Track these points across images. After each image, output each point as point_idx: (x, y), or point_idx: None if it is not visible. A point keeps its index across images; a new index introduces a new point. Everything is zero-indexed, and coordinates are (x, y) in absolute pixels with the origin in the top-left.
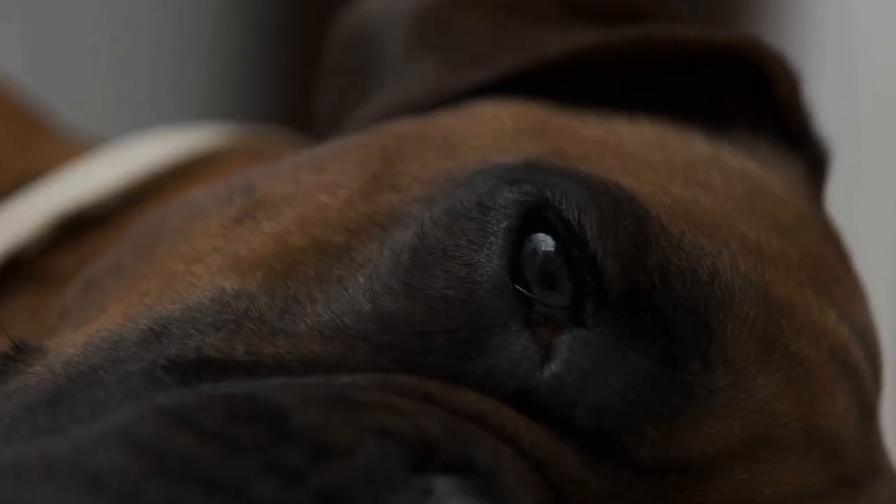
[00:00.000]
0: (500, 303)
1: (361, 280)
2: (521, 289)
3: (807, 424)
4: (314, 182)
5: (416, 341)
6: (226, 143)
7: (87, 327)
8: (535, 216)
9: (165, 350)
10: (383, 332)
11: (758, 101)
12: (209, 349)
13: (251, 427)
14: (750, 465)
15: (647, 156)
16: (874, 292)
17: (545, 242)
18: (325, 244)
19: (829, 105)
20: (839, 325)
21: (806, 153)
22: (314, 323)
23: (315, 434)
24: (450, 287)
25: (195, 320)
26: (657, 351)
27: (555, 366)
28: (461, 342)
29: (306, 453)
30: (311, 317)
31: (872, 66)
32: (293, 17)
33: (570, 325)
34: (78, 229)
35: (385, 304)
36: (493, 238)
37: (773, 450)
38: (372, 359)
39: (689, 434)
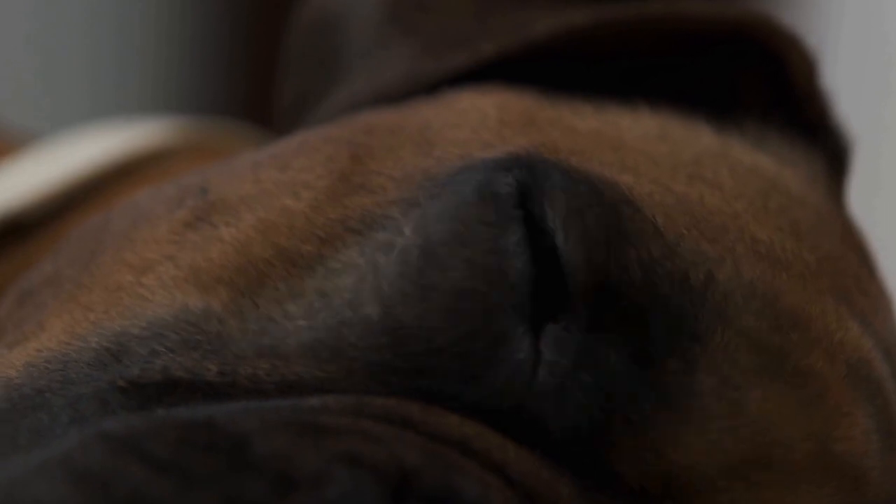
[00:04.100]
0: (519, 298)
1: (346, 293)
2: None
3: (820, 449)
4: (276, 181)
5: (423, 359)
6: (175, 139)
7: (25, 346)
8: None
9: (126, 370)
10: (386, 349)
11: (770, 88)
12: (177, 368)
13: (207, 455)
14: (753, 494)
15: (648, 149)
16: None
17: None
18: (293, 255)
19: (849, 91)
20: (862, 338)
21: (824, 146)
22: (298, 342)
23: (279, 463)
24: (468, 278)
25: (161, 337)
26: (631, 349)
27: (541, 373)
28: (469, 354)
29: (269, 484)
30: (293, 336)
31: None
32: None
33: (542, 323)
34: (10, 236)
35: (393, 313)
36: (512, 224)
37: (778, 474)
38: (364, 382)
39: (669, 444)
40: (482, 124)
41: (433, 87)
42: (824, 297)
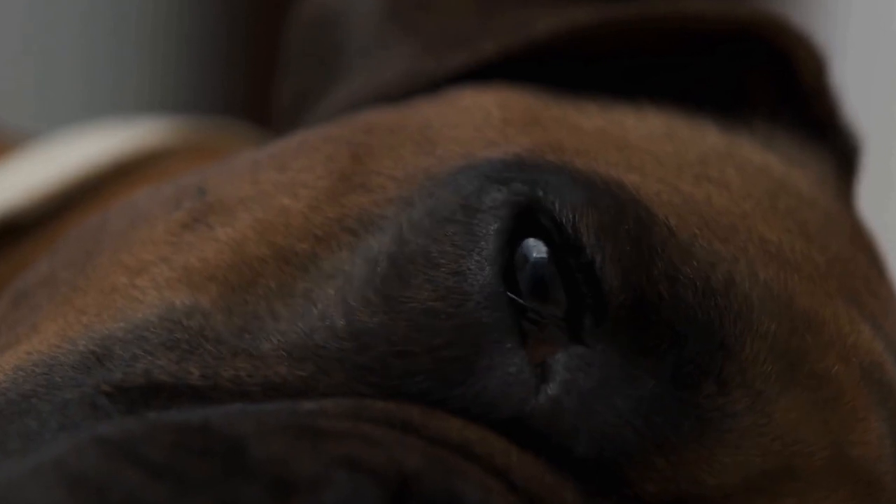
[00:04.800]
0: (492, 316)
1: (332, 292)
2: (516, 298)
3: (836, 453)
4: (274, 182)
5: (397, 362)
6: (172, 138)
7: (17, 349)
8: (526, 218)
9: (109, 374)
10: (359, 351)
11: (778, 87)
12: (160, 372)
13: (203, 459)
14: (773, 501)
15: (654, 149)
16: None
17: (536, 248)
18: (287, 253)
19: (858, 90)
20: (873, 341)
21: (833, 145)
22: (280, 342)
23: (276, 467)
24: (435, 299)
25: (143, 340)
26: (666, 370)
27: (551, 388)
28: (447, 362)
29: (266, 489)
30: (276, 335)
31: None
32: None
33: (567, 342)
34: (7, 237)
35: (361, 319)
36: (482, 242)
37: (797, 482)
38: (346, 382)
39: (703, 465)
40: (485, 122)
41: (434, 86)
42: (835, 300)
